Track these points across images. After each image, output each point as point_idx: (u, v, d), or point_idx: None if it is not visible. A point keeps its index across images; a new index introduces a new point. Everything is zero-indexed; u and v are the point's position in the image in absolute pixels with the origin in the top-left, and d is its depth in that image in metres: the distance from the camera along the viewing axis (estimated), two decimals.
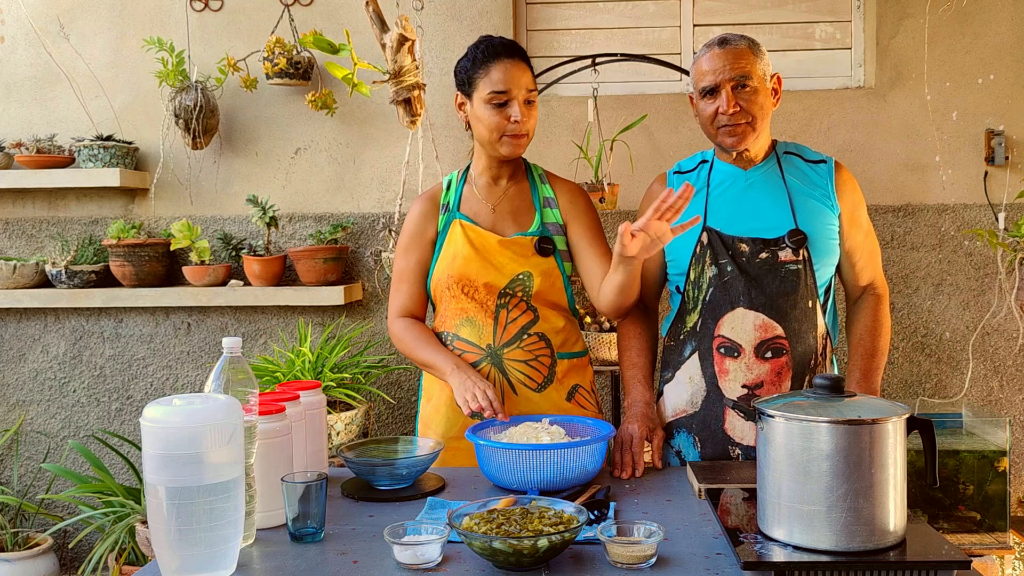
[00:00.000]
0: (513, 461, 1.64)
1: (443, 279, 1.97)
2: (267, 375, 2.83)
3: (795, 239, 1.85)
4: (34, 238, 3.42)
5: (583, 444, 1.65)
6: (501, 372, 1.95)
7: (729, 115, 1.84)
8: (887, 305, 1.97)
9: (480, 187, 2.03)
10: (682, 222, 1.71)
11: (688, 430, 1.92)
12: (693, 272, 1.92)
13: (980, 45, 3.15)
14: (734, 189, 1.93)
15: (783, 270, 1.85)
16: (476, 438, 1.71)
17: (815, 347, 1.87)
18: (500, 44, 1.92)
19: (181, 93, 3.15)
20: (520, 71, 1.90)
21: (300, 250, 3.14)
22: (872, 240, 1.98)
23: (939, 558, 1.25)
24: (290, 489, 1.47)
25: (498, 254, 1.95)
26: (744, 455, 1.87)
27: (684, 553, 1.36)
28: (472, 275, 1.94)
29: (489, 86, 1.89)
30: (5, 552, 3.16)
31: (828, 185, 1.91)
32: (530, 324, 1.96)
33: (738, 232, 1.88)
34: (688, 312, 1.94)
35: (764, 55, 1.89)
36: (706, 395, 1.89)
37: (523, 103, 1.89)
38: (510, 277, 1.94)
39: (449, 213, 2.01)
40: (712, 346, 1.88)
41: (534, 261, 1.95)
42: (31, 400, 3.43)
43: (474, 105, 1.93)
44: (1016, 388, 3.19)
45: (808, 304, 1.86)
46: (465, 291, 1.95)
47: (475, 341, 1.96)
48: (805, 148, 1.98)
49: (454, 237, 1.98)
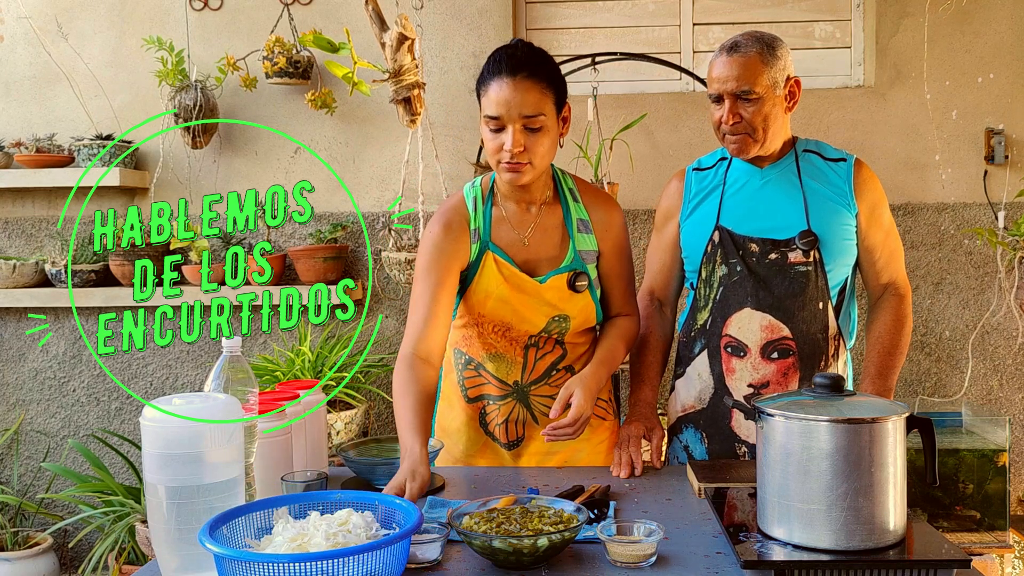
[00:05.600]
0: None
1: (474, 315, 1.86)
2: (267, 374, 2.83)
3: (806, 240, 1.83)
4: (34, 237, 3.42)
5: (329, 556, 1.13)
6: (525, 406, 1.90)
7: (730, 126, 1.84)
8: (909, 305, 1.93)
9: (510, 213, 1.84)
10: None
11: (696, 426, 1.93)
12: (704, 270, 1.91)
13: (980, 44, 3.15)
14: (749, 188, 1.91)
15: (792, 271, 1.84)
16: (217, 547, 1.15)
17: (824, 348, 1.86)
18: (507, 58, 1.71)
19: (181, 92, 3.15)
20: (518, 92, 1.67)
21: (300, 249, 3.14)
22: (893, 239, 1.95)
23: (939, 557, 1.25)
24: (290, 488, 1.47)
25: (535, 296, 1.81)
26: (750, 453, 1.87)
27: (684, 552, 1.36)
28: (507, 318, 1.83)
29: (485, 107, 1.71)
30: (5, 551, 3.16)
31: (846, 184, 1.89)
32: (559, 360, 1.90)
33: (749, 232, 1.87)
34: (700, 309, 1.93)
35: (779, 60, 1.83)
36: (714, 392, 1.90)
37: (520, 129, 1.68)
38: (547, 318, 1.83)
39: (481, 243, 1.82)
40: (720, 345, 1.88)
41: (568, 299, 1.82)
42: (31, 399, 3.43)
43: (481, 123, 1.76)
44: (1016, 387, 3.19)
45: (818, 306, 1.85)
46: (495, 330, 1.86)
47: (502, 377, 1.88)
48: (826, 146, 1.95)
49: (487, 273, 1.81)
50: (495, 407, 1.91)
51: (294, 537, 1.21)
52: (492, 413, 1.91)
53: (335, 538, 1.20)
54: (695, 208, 1.95)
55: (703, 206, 1.94)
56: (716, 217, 1.90)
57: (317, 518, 1.25)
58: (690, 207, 1.96)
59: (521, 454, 1.92)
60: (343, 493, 1.36)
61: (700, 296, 1.93)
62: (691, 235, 1.94)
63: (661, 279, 2.03)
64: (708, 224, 1.91)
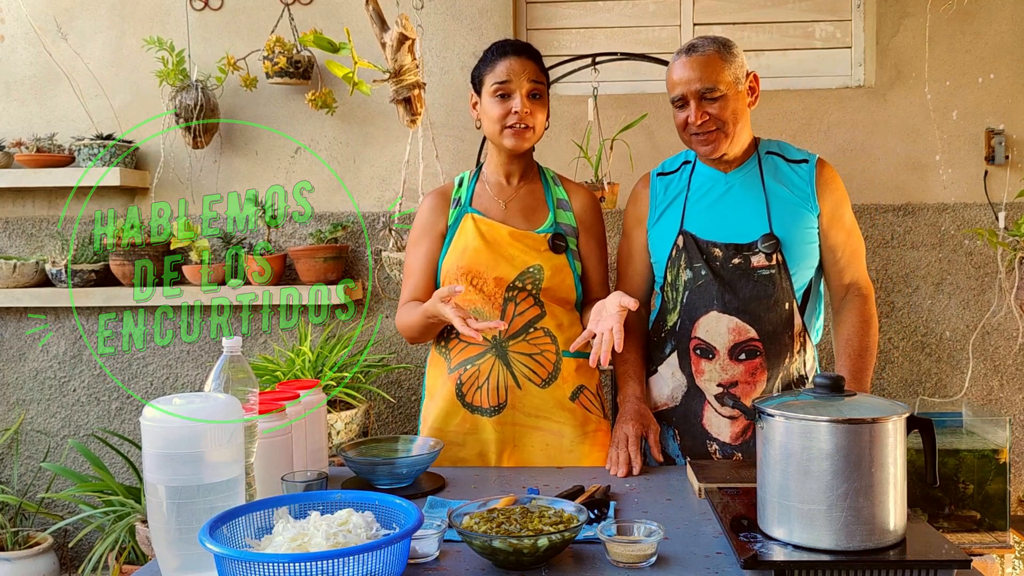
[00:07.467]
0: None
1: (452, 271, 1.98)
2: (267, 374, 2.83)
3: (768, 244, 1.86)
4: (34, 237, 3.42)
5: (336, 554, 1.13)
6: (505, 366, 1.95)
7: (698, 126, 1.86)
8: (873, 304, 1.96)
9: (492, 184, 2.05)
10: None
11: (669, 423, 1.97)
12: (670, 274, 1.95)
13: (980, 44, 3.15)
14: (713, 193, 1.94)
15: (756, 275, 1.87)
16: (218, 546, 1.15)
17: (790, 346, 1.90)
18: (509, 43, 1.98)
19: (181, 92, 3.15)
20: (524, 66, 1.93)
21: (300, 249, 3.14)
22: (855, 239, 1.96)
23: (939, 557, 1.25)
24: (290, 488, 1.47)
25: (509, 246, 1.96)
26: (721, 450, 1.90)
27: (684, 552, 1.36)
28: (482, 268, 1.94)
29: (493, 79, 1.94)
30: (5, 551, 3.16)
31: (808, 185, 1.91)
32: (537, 319, 1.96)
33: (713, 237, 1.90)
34: (669, 311, 1.97)
35: (736, 57, 1.87)
36: (686, 391, 1.93)
37: (527, 96, 1.92)
38: (520, 269, 1.94)
39: (460, 208, 2.02)
40: (689, 347, 1.91)
41: (546, 256, 1.96)
42: (31, 399, 3.43)
43: (483, 101, 1.97)
44: (1016, 387, 3.19)
45: (784, 307, 1.88)
46: (474, 283, 1.95)
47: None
48: (788, 147, 1.97)
49: (465, 230, 1.99)
50: (474, 368, 1.95)
51: (294, 537, 1.21)
52: (473, 377, 1.95)
53: (335, 538, 1.20)
54: (662, 214, 1.99)
55: (668, 212, 1.98)
56: (680, 222, 1.94)
57: (317, 518, 1.25)
58: (657, 213, 2.00)
59: (502, 422, 1.95)
60: (343, 493, 1.36)
61: (668, 299, 1.97)
62: (657, 240, 1.98)
63: (636, 283, 2.07)
64: (673, 229, 1.94)
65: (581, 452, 1.98)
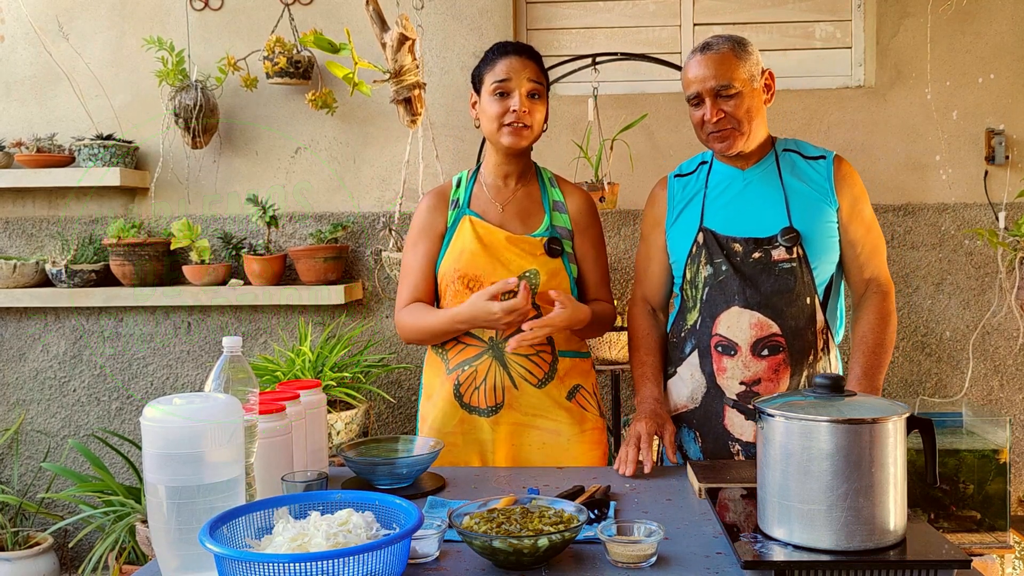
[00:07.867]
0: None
1: (449, 273, 1.99)
2: (267, 374, 2.83)
3: (788, 237, 1.85)
4: (34, 237, 3.42)
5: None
6: (502, 366, 1.96)
7: (714, 123, 1.87)
8: (892, 302, 1.94)
9: (489, 186, 2.06)
10: None
11: (689, 425, 1.95)
12: (689, 271, 1.94)
13: (981, 44, 3.15)
14: (731, 190, 1.95)
15: (777, 269, 1.86)
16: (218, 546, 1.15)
17: (814, 343, 1.88)
18: (510, 44, 2.01)
19: (181, 92, 3.15)
20: (524, 65, 1.95)
21: (300, 249, 3.14)
22: (875, 235, 1.96)
23: (939, 557, 1.25)
24: (290, 488, 1.47)
25: (506, 250, 1.97)
26: (744, 451, 1.88)
27: (684, 552, 1.36)
28: (479, 272, 1.95)
29: (493, 77, 1.96)
30: (5, 551, 3.16)
31: (827, 181, 1.91)
32: (533, 319, 1.96)
33: (733, 232, 1.90)
34: (688, 310, 1.96)
35: (751, 55, 1.88)
36: (706, 391, 1.91)
37: (526, 95, 1.94)
38: (517, 273, 1.95)
39: (459, 209, 2.03)
40: (710, 344, 1.90)
41: (541, 260, 1.97)
42: (31, 399, 3.43)
43: (482, 99, 1.99)
44: (1016, 387, 3.19)
45: (806, 301, 1.87)
46: (470, 287, 1.96)
47: (477, 334, 1.97)
48: (805, 144, 1.98)
49: (463, 232, 2.00)
50: (472, 369, 1.96)
51: (294, 537, 1.21)
52: (471, 378, 1.96)
53: (335, 538, 1.20)
54: (680, 213, 1.99)
55: (687, 210, 1.98)
56: (700, 219, 1.94)
57: (317, 518, 1.25)
58: (675, 213, 2.00)
59: (500, 422, 1.96)
60: (343, 493, 1.36)
61: (687, 297, 1.96)
62: (676, 239, 1.98)
63: (654, 286, 2.07)
64: (692, 227, 1.94)
65: (578, 451, 1.99)
